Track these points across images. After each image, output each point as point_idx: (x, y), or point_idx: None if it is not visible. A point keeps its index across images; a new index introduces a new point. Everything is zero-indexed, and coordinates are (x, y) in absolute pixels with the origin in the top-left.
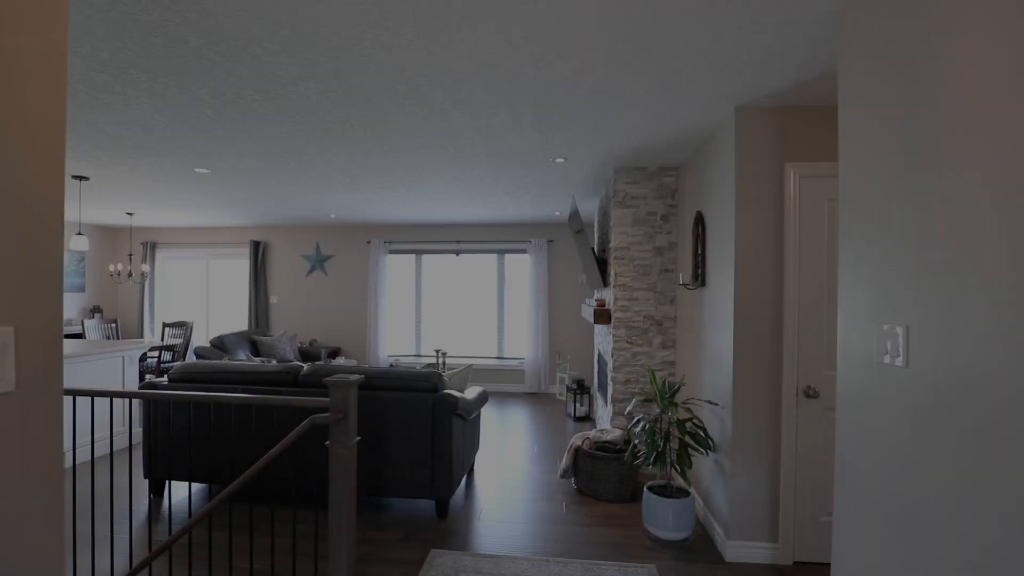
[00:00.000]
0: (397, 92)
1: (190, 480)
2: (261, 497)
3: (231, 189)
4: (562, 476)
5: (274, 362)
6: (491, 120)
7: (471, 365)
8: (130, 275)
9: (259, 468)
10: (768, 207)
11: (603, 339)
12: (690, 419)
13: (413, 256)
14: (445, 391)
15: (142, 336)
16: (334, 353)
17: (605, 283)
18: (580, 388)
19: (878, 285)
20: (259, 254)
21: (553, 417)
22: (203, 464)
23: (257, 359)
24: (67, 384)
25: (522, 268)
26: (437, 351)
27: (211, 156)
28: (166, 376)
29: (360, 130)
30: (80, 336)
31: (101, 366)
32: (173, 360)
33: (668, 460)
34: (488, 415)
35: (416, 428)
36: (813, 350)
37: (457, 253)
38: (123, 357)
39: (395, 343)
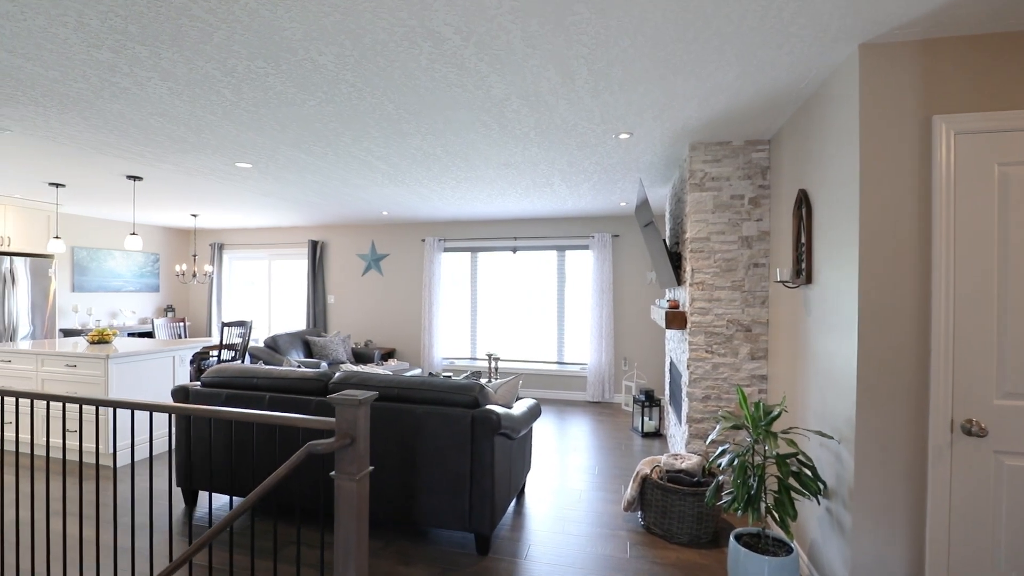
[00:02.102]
0: (422, 52)
1: (210, 491)
2: (288, 513)
3: (275, 185)
4: (626, 509)
5: (324, 365)
6: (537, 82)
7: (520, 374)
8: (194, 276)
9: (253, 501)
10: (907, 176)
11: (676, 346)
12: (794, 455)
13: (468, 254)
14: (487, 407)
15: (210, 335)
16: (388, 355)
17: (679, 281)
18: (649, 400)
19: None
20: (316, 254)
21: (617, 431)
22: (225, 476)
23: (310, 360)
24: (122, 384)
25: (584, 265)
26: (489, 356)
27: (246, 148)
28: (199, 380)
29: (390, 106)
30: (150, 335)
31: (154, 366)
32: (233, 359)
33: (763, 505)
34: (545, 426)
35: (452, 449)
36: (977, 370)
37: (514, 250)
38: (173, 357)
39: (450, 345)
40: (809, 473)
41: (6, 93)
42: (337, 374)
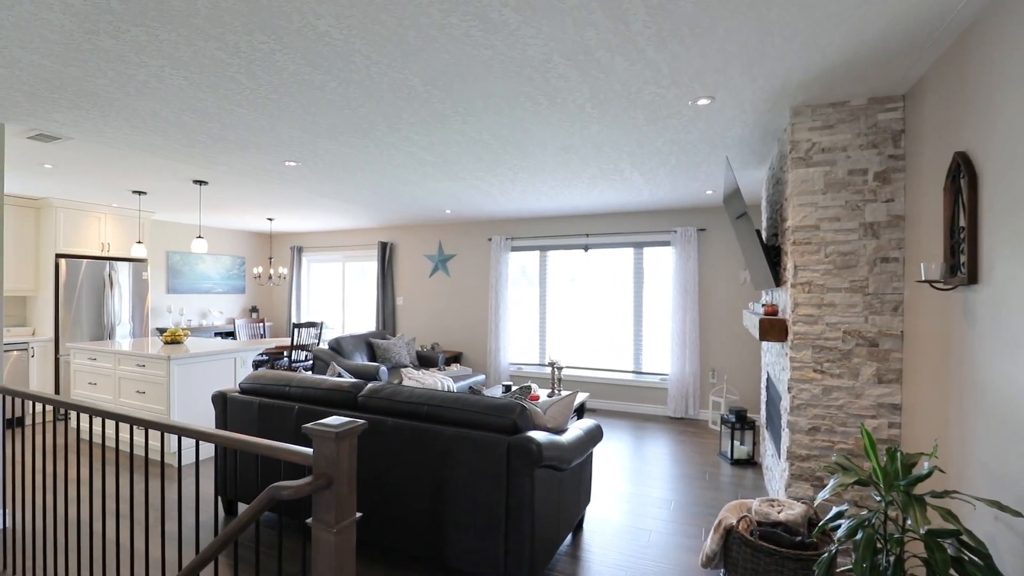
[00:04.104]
0: (432, 5)
1: (246, 502)
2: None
3: (330, 185)
4: (705, 566)
5: (384, 369)
6: (582, 32)
7: (575, 392)
8: (270, 278)
9: (210, 554)
10: None
11: (775, 360)
12: (953, 533)
13: (537, 253)
14: (526, 434)
15: (289, 335)
16: (453, 359)
17: (777, 281)
18: (741, 421)
19: None
20: (386, 255)
21: (701, 455)
22: (254, 488)
23: (369, 364)
24: (184, 383)
25: (665, 264)
26: (551, 364)
27: (285, 144)
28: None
29: (415, 80)
30: (232, 335)
31: (215, 367)
32: (305, 360)
33: None
34: (615, 444)
35: (485, 481)
36: None
37: (586, 248)
38: (235, 359)
39: (518, 350)
40: (980, 563)
41: (44, 96)
42: (368, 386)
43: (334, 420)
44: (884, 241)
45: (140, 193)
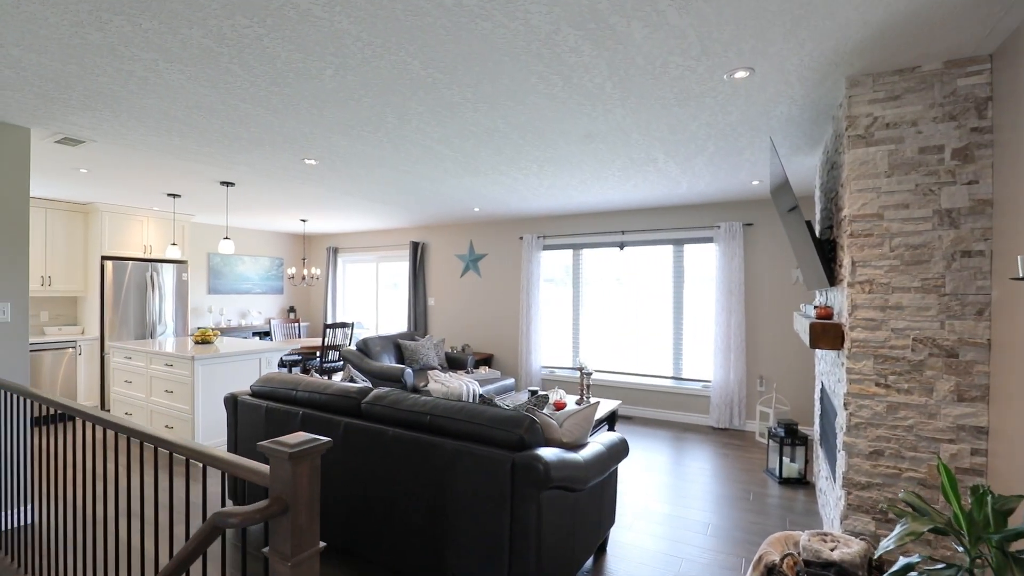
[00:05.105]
0: None
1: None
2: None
3: (353, 184)
4: None
5: (410, 371)
6: None
7: (595, 404)
8: (303, 278)
9: None
10: None
11: (829, 369)
12: None
13: (570, 252)
14: (534, 452)
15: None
16: (483, 362)
17: (832, 280)
18: (791, 435)
19: None
20: (417, 255)
21: (746, 472)
22: (263, 492)
23: (396, 366)
24: (208, 383)
25: (707, 262)
26: (580, 369)
27: (297, 140)
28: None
29: (416, 64)
30: (268, 334)
31: (240, 367)
32: (337, 361)
33: None
34: (650, 455)
35: (487, 501)
36: None
37: (621, 246)
38: (260, 359)
39: (550, 352)
40: None
41: (54, 97)
42: (373, 392)
43: (294, 437)
44: (965, 231)
45: (174, 196)
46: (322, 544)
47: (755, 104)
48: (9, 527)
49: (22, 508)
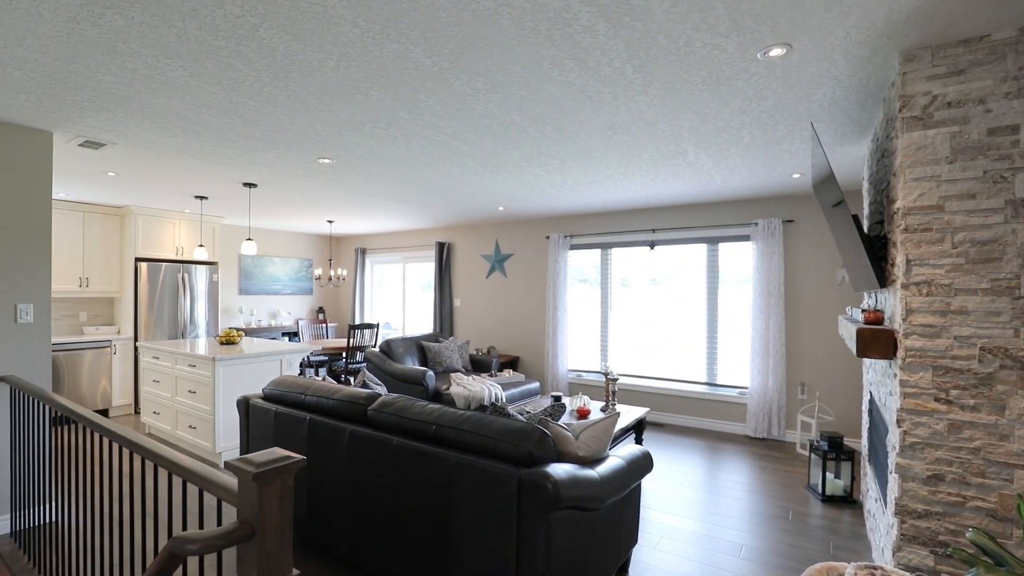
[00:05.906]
0: None
1: None
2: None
3: (372, 183)
4: None
5: (432, 374)
6: None
7: (615, 414)
8: (330, 279)
9: None
10: None
11: (879, 379)
12: None
13: (598, 251)
14: (544, 468)
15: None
16: (509, 364)
17: (883, 281)
18: (836, 449)
19: None
20: (443, 256)
21: (785, 488)
22: None
23: (417, 369)
24: (228, 383)
25: (744, 261)
26: (605, 375)
27: (310, 138)
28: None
29: (419, 52)
30: (296, 335)
31: (261, 367)
32: (363, 361)
33: None
34: (683, 465)
35: (492, 521)
36: None
37: (652, 245)
38: (281, 360)
39: (577, 356)
40: None
41: (66, 99)
42: (380, 398)
43: (264, 454)
44: None
45: (201, 198)
46: (296, 572)
47: (794, 87)
48: (30, 525)
49: (42, 507)
